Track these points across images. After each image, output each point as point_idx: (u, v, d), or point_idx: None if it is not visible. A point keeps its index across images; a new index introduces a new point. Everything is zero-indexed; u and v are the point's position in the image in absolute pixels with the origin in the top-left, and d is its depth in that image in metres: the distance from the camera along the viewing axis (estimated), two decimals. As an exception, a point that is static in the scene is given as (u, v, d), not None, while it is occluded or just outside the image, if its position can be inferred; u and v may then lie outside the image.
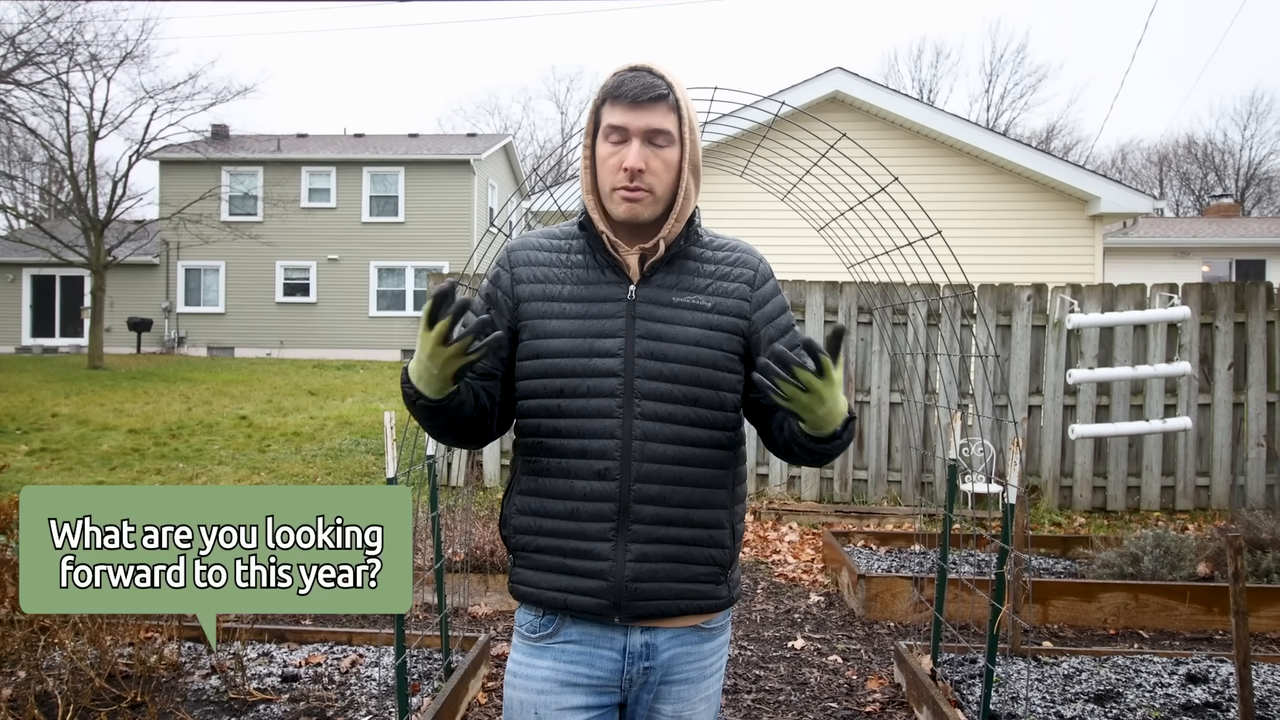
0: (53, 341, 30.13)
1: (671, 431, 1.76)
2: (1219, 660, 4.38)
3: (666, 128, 1.75)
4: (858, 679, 4.56)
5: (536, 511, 1.79)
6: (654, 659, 1.80)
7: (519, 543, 1.82)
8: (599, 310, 1.78)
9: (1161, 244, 26.33)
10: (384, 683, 4.13)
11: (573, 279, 1.82)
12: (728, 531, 1.85)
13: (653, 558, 1.75)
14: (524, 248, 1.87)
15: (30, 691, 3.70)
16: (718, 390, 1.80)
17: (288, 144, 30.87)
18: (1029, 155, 12.81)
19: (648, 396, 1.75)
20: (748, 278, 1.86)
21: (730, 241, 1.92)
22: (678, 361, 1.77)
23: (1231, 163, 48.69)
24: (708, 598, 1.82)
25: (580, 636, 1.79)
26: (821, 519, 7.87)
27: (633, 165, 1.73)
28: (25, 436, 11.79)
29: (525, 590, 1.81)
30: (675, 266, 1.83)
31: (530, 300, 1.81)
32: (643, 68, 1.77)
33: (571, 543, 1.76)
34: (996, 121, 47.36)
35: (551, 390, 1.77)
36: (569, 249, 1.85)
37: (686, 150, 1.79)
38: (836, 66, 12.57)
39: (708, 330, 1.79)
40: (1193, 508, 8.19)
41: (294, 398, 16.61)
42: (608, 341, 1.76)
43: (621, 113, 1.74)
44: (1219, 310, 8.13)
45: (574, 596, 1.76)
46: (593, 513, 1.74)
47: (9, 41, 21.87)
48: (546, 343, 1.78)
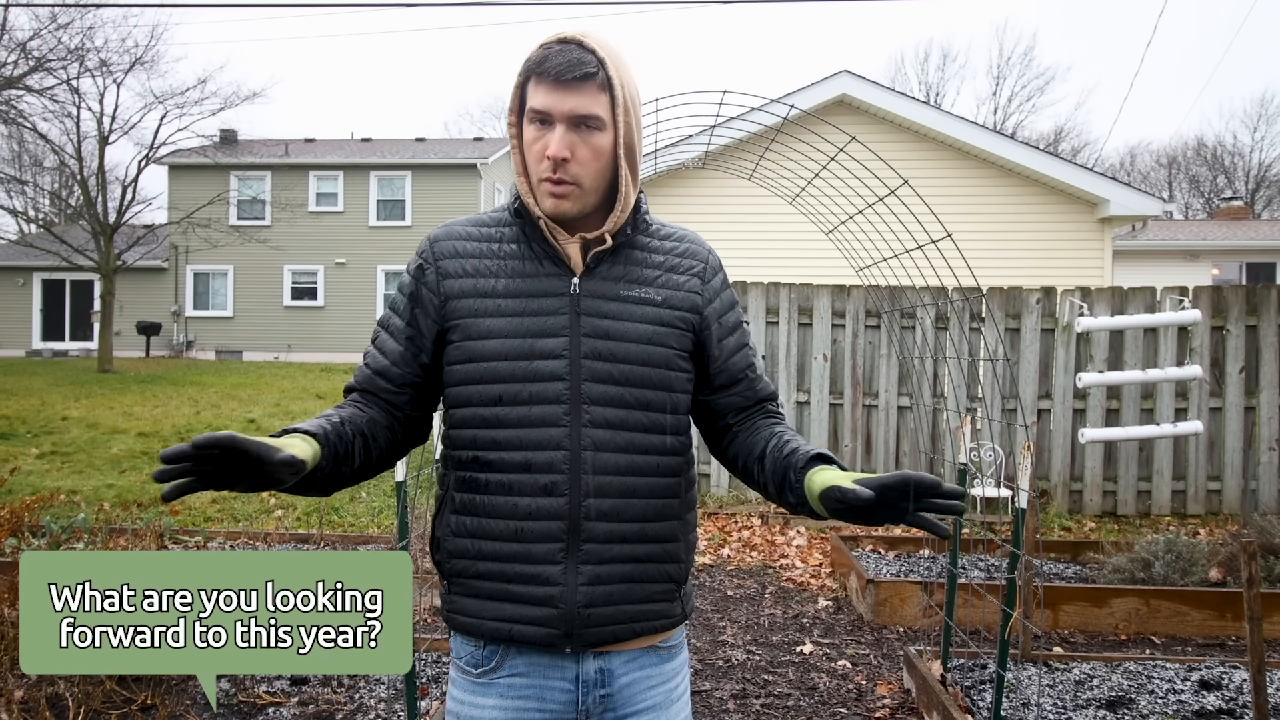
0: (63, 345, 30.24)
1: (624, 439, 1.59)
2: (1232, 666, 4.36)
3: (595, 111, 1.55)
4: (867, 684, 4.54)
5: (475, 533, 1.60)
6: (610, 685, 1.63)
7: (455, 567, 1.63)
8: (539, 306, 1.60)
9: (1171, 247, 26.26)
10: (393, 686, 4.13)
11: (507, 271, 1.62)
12: (682, 545, 1.69)
13: (606, 579, 1.58)
14: (449, 237, 1.67)
15: (41, 694, 3.71)
16: (670, 392, 1.64)
17: (295, 148, 30.98)
18: (1037, 158, 12.79)
19: (597, 401, 1.58)
20: (698, 270, 1.71)
21: (677, 230, 1.76)
22: (628, 362, 1.60)
23: (1241, 165, 48.56)
24: (662, 617, 1.66)
25: (527, 669, 1.61)
26: (830, 523, 7.85)
27: (555, 154, 1.54)
28: (36, 440, 11.83)
29: (464, 620, 1.63)
30: (621, 256, 1.66)
31: (460, 297, 1.62)
32: (571, 39, 1.56)
33: (516, 567, 1.57)
34: (1004, 124, 47.30)
35: (488, 398, 1.58)
36: (500, 237, 1.66)
37: (620, 134, 1.58)
38: (844, 70, 12.56)
39: (659, 326, 1.63)
40: (1204, 512, 8.15)
41: (302, 401, 16.64)
42: (551, 341, 1.58)
43: (544, 94, 1.54)
44: (1230, 313, 8.10)
45: (520, 626, 1.58)
46: (540, 533, 1.56)
47: (20, 47, 21.97)
48: (480, 344, 1.59)
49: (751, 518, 7.97)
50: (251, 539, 6.84)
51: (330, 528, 7.48)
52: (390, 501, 8.57)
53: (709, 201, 12.12)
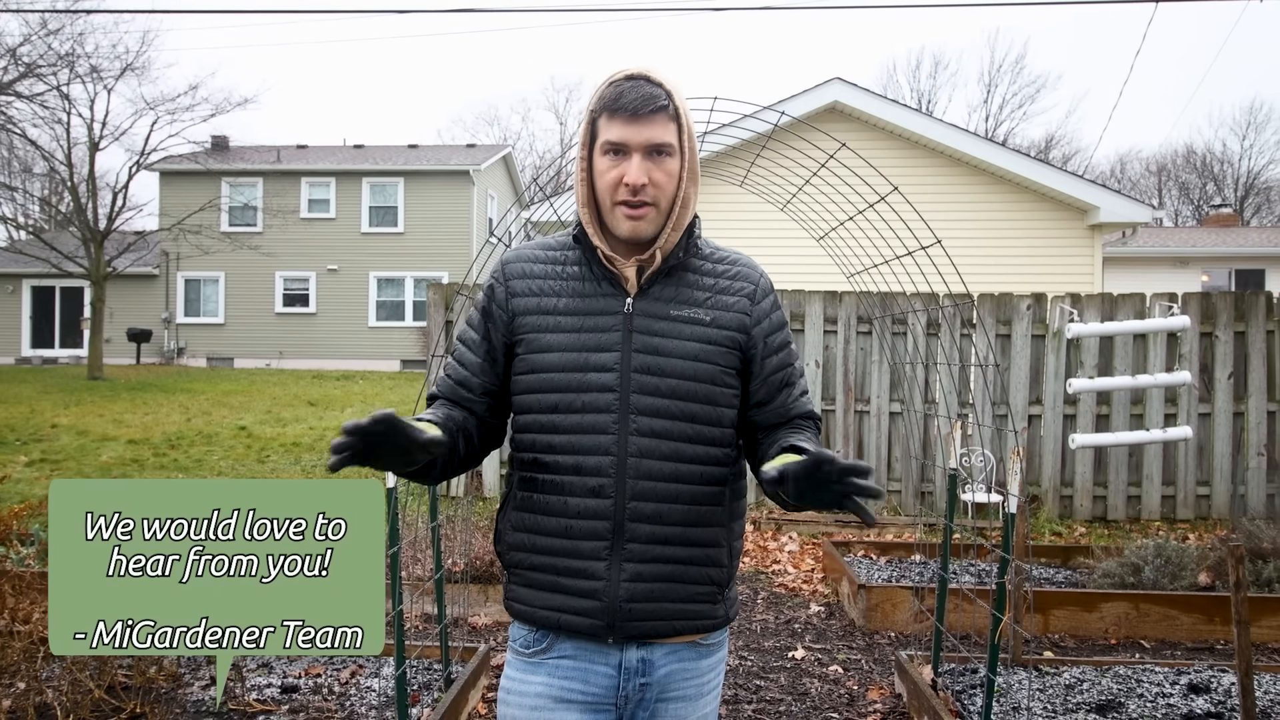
0: (52, 352, 30.13)
1: (668, 448, 1.71)
2: (1220, 670, 4.37)
3: (668, 140, 1.70)
4: (859, 689, 4.54)
5: (530, 528, 1.75)
6: (650, 675, 1.76)
7: (513, 559, 1.79)
8: (595, 324, 1.74)
9: (1160, 253, 26.35)
10: (384, 693, 4.12)
11: (569, 291, 1.77)
12: (725, 550, 1.80)
13: (648, 577, 1.71)
14: (519, 260, 1.82)
15: (29, 703, 3.69)
16: (715, 406, 1.75)
17: (287, 155, 30.95)
18: (1028, 165, 12.83)
19: (643, 412, 1.70)
20: (748, 291, 1.82)
21: (731, 254, 1.87)
22: (675, 376, 1.72)
23: (1230, 172, 48.81)
24: (704, 617, 1.78)
25: (575, 652, 1.75)
26: (821, 529, 7.86)
27: (635, 181, 1.67)
28: (25, 447, 11.78)
29: (519, 608, 1.78)
30: (674, 279, 1.78)
31: (526, 314, 1.77)
32: (640, 75, 1.71)
33: (565, 561, 1.71)
34: (995, 132, 47.47)
35: (546, 405, 1.72)
36: (565, 260, 1.80)
37: (686, 159, 1.74)
38: (835, 77, 12.61)
39: (706, 345, 1.75)
40: (1193, 517, 8.18)
41: (293, 408, 16.60)
42: (603, 356, 1.71)
43: (621, 127, 1.68)
44: (1219, 319, 8.14)
45: (567, 616, 1.72)
46: (586, 531, 1.70)
47: (10, 53, 21.95)
48: (541, 357, 1.73)
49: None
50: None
51: (321, 534, 7.45)
52: (381, 508, 8.55)
53: (700, 208, 12.11)
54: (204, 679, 4.21)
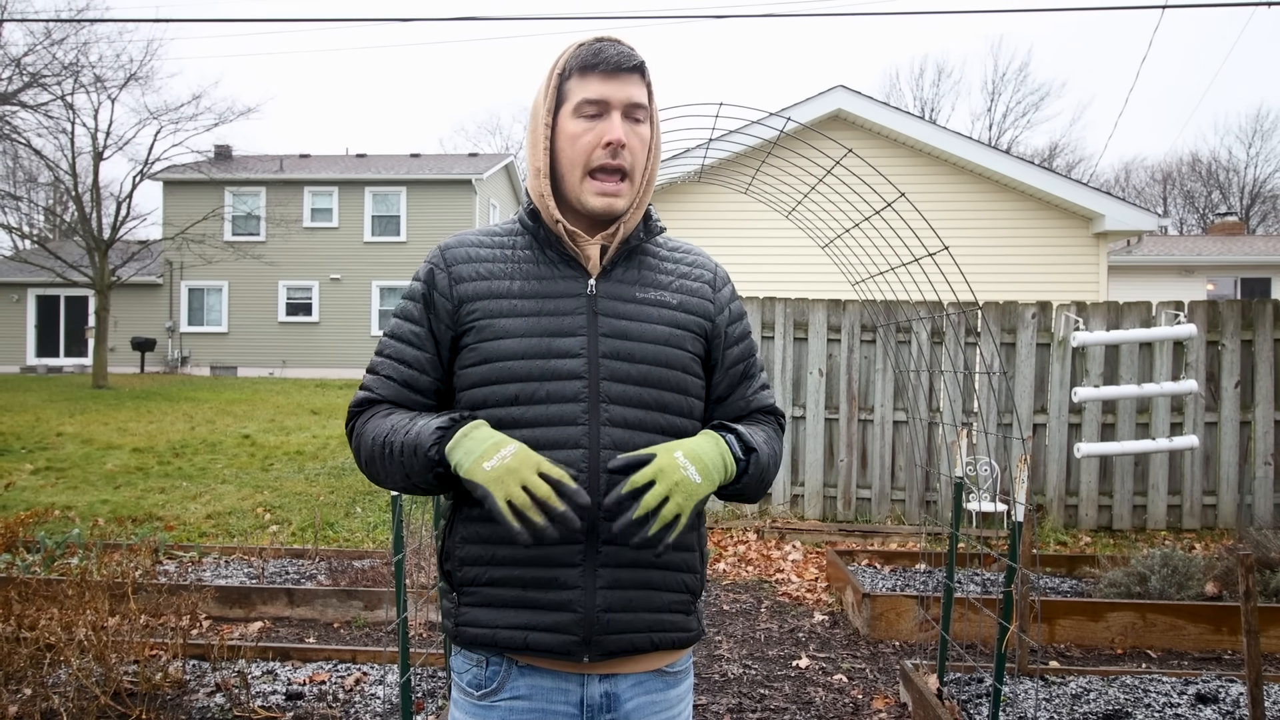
0: (57, 361, 30.17)
1: (642, 440, 1.55)
2: (1229, 680, 4.35)
3: (643, 101, 1.61)
4: (863, 698, 4.53)
5: (488, 539, 1.55)
6: (616, 710, 1.59)
7: (466, 576, 1.58)
8: (555, 306, 1.59)
9: (1166, 262, 26.33)
10: (388, 701, 4.11)
11: (522, 274, 1.62)
12: (697, 555, 1.67)
13: (625, 584, 1.55)
14: (460, 244, 1.67)
15: (36, 709, 3.69)
16: (685, 395, 1.64)
17: (290, 164, 31.01)
18: (1032, 173, 12.83)
19: (615, 401, 1.56)
20: (708, 279, 1.73)
21: (684, 244, 1.78)
22: (645, 362, 1.59)
23: (1236, 180, 48.77)
24: (679, 629, 1.64)
25: (529, 691, 1.57)
26: (825, 538, 7.84)
27: (617, 137, 1.56)
28: (30, 455, 11.79)
29: (475, 633, 1.57)
30: (635, 261, 1.67)
31: (474, 299, 1.60)
32: (611, 39, 1.62)
33: (532, 571, 1.53)
34: (999, 140, 47.48)
35: (504, 398, 1.55)
36: (513, 245, 1.67)
37: (655, 131, 1.65)
38: (839, 85, 12.61)
39: (674, 329, 1.63)
40: (1200, 527, 8.15)
41: (297, 417, 16.61)
42: (568, 340, 1.56)
43: (599, 83, 1.57)
44: (1225, 328, 8.12)
45: (536, 634, 1.53)
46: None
47: (14, 64, 22.04)
48: (497, 344, 1.56)
49: (747, 532, 7.96)
50: (246, 554, 6.82)
51: (325, 543, 7.46)
52: (385, 517, 8.55)
53: (705, 216, 12.14)
54: (209, 686, 4.20)
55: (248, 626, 5.43)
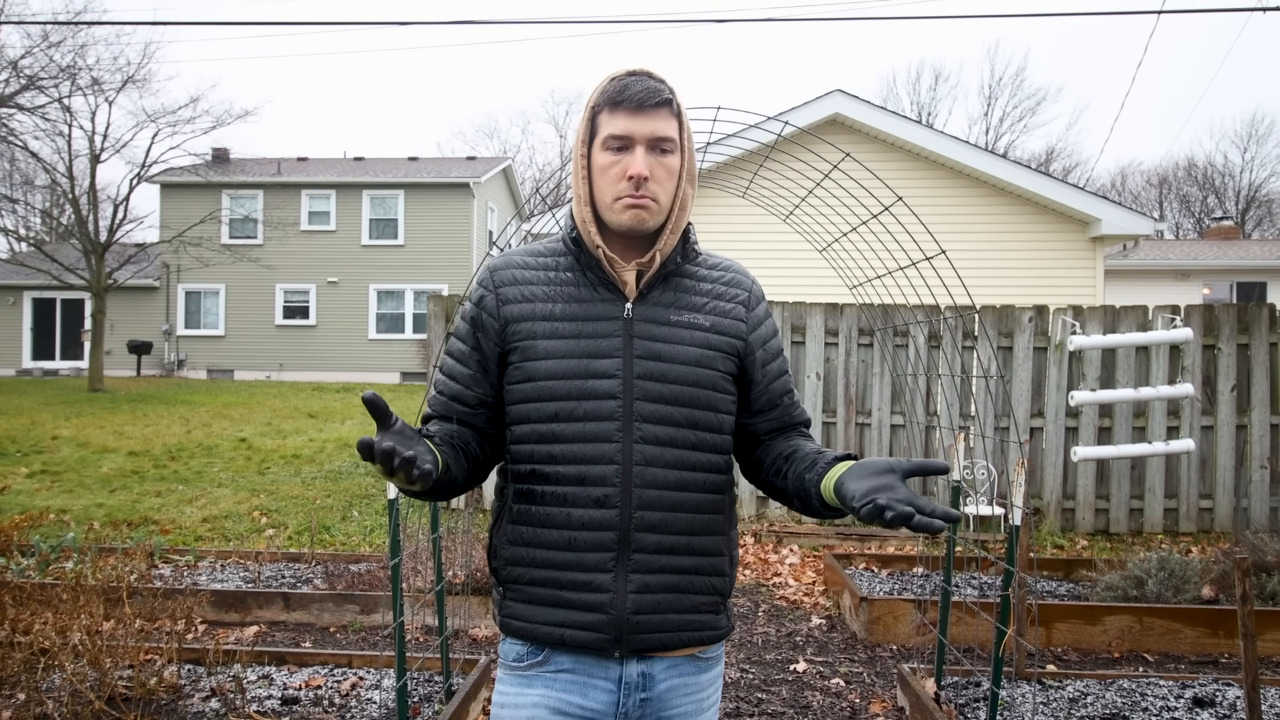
0: (53, 364, 30.14)
1: (673, 456, 1.68)
2: (1225, 683, 4.35)
3: (670, 134, 1.68)
4: (860, 702, 4.52)
5: (530, 541, 1.69)
6: (651, 690, 1.71)
7: (510, 574, 1.73)
8: (594, 329, 1.69)
9: (1162, 266, 26.38)
10: (384, 705, 4.10)
11: (564, 296, 1.72)
12: (726, 559, 1.78)
13: (654, 588, 1.67)
14: (508, 266, 1.77)
15: (30, 714, 3.67)
16: (716, 412, 1.74)
17: (288, 167, 31.01)
18: (1029, 177, 12.85)
19: (648, 419, 1.67)
20: (743, 298, 1.82)
21: (724, 261, 1.87)
22: (678, 382, 1.69)
23: (1232, 185, 48.89)
24: (708, 628, 1.75)
25: (573, 665, 1.69)
26: (823, 541, 7.84)
27: (638, 172, 1.65)
28: (26, 459, 11.76)
29: (518, 625, 1.71)
30: (672, 284, 1.76)
31: (519, 321, 1.72)
32: (641, 72, 1.71)
33: (569, 574, 1.66)
34: (996, 144, 47.56)
35: (545, 414, 1.67)
36: (556, 266, 1.76)
37: (686, 159, 1.73)
38: (836, 89, 12.63)
39: (707, 350, 1.73)
40: (1196, 530, 8.16)
41: (293, 420, 16.59)
42: (605, 362, 1.67)
43: (624, 119, 1.67)
44: (1221, 332, 8.13)
45: (571, 631, 1.67)
46: (592, 542, 1.65)
47: (11, 66, 22.04)
48: (539, 364, 1.68)
49: (745, 536, 7.96)
50: (243, 558, 6.81)
51: (322, 547, 7.44)
52: (382, 520, 8.54)
53: (702, 219, 12.14)
54: (204, 690, 4.19)
55: (243, 631, 5.42)
